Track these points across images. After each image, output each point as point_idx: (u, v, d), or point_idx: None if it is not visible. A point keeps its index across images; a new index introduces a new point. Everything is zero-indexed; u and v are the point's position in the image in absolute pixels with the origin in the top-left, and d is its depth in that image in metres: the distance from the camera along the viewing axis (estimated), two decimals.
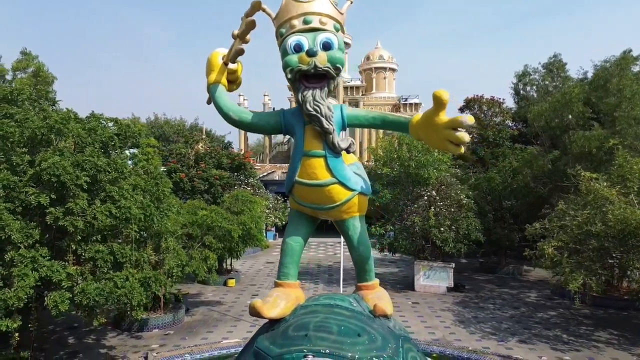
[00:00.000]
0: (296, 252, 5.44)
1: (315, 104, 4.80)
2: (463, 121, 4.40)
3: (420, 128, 4.78)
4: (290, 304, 5.22)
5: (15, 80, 14.15)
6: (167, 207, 11.74)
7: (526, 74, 23.21)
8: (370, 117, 5.30)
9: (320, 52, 4.76)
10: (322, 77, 4.85)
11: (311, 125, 4.94)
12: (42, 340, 13.80)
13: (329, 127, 4.84)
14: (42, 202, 8.49)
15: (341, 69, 4.89)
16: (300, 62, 4.74)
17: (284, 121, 5.17)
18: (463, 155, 31.62)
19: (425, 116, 4.65)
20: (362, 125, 5.47)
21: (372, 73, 46.12)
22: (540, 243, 13.83)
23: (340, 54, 4.88)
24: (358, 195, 5.25)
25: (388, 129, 5.47)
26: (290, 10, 4.93)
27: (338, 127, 5.10)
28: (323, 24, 4.88)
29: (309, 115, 4.83)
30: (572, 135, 16.88)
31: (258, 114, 5.25)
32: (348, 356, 4.55)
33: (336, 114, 5.10)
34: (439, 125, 4.51)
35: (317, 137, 4.94)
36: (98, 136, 10.58)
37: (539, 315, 16.54)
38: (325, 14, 4.92)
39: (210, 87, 5.16)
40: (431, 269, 20.23)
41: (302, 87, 4.85)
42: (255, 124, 5.22)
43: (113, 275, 9.28)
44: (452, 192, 19.66)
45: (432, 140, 4.72)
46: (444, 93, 4.42)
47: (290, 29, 4.89)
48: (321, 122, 4.81)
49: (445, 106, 4.53)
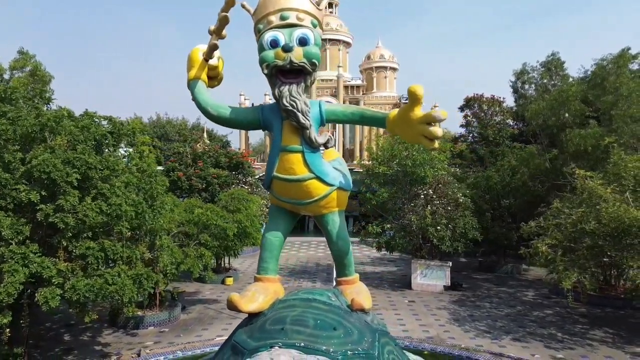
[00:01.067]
0: (275, 247, 5.47)
1: (291, 99, 4.83)
2: (436, 116, 4.42)
3: (396, 123, 4.81)
4: (268, 298, 5.25)
5: (13, 80, 14.27)
6: (160, 205, 11.81)
7: (525, 72, 23.18)
8: (349, 112, 5.33)
9: (296, 47, 4.79)
10: (298, 72, 4.88)
11: (288, 121, 4.97)
12: (38, 337, 13.89)
13: (306, 122, 4.87)
14: (32, 199, 8.57)
15: (317, 64, 4.92)
16: (276, 58, 4.78)
17: (262, 117, 5.20)
18: (462, 154, 31.69)
19: (401, 112, 4.69)
20: (341, 121, 5.49)
21: (372, 72, 46.08)
22: (534, 241, 13.81)
23: (317, 49, 4.91)
24: (337, 191, 5.28)
25: (367, 124, 5.50)
26: (268, 6, 4.96)
27: (316, 123, 5.13)
28: (300, 20, 4.91)
29: (286, 110, 4.86)
30: (569, 134, 16.84)
31: (236, 110, 5.28)
32: (322, 349, 4.58)
33: (314, 109, 5.13)
34: (414, 120, 4.54)
35: (294, 132, 4.97)
36: (91, 134, 10.65)
37: (535, 313, 16.52)
38: (303, 10, 4.95)
39: (190, 83, 5.21)
40: (428, 268, 20.23)
41: (278, 82, 4.89)
42: (233, 120, 5.25)
43: (104, 271, 9.35)
44: (449, 190, 19.65)
45: (408, 135, 4.75)
46: (419, 88, 4.46)
47: (268, 24, 4.92)
48: (297, 117, 4.84)
49: (420, 101, 4.55)
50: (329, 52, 45.84)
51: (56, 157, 8.98)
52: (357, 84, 44.41)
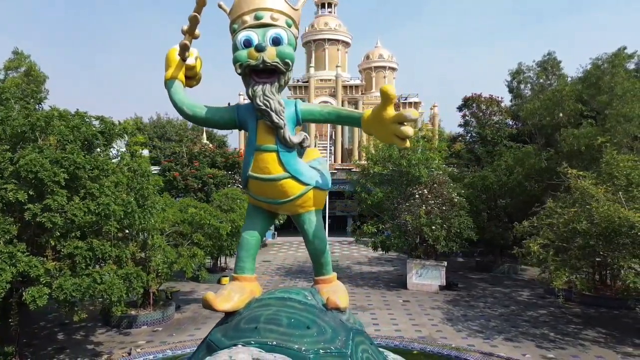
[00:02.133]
0: (252, 246, 5.49)
1: (264, 98, 4.85)
2: (407, 116, 4.45)
3: (370, 123, 4.83)
4: (244, 297, 5.27)
5: (7, 80, 14.38)
6: (151, 205, 11.84)
7: (520, 72, 23.15)
8: (325, 112, 5.34)
9: (269, 47, 4.81)
10: (272, 72, 4.90)
11: (263, 120, 4.99)
12: (31, 336, 13.95)
13: (279, 121, 4.89)
14: (20, 199, 8.60)
15: (290, 64, 4.92)
16: (249, 57, 4.79)
17: (237, 116, 5.22)
18: (459, 153, 31.66)
19: (375, 111, 4.71)
20: (318, 121, 5.51)
21: (371, 72, 46.08)
22: (526, 241, 13.81)
23: (290, 49, 4.92)
24: (313, 190, 5.29)
25: (343, 123, 5.51)
26: (242, 6, 4.99)
27: (292, 123, 5.14)
28: (274, 20, 4.93)
29: (259, 109, 4.88)
30: (563, 133, 16.82)
31: (213, 109, 5.30)
32: (295, 348, 4.60)
33: (290, 109, 5.15)
34: (386, 119, 4.56)
35: (269, 132, 4.99)
36: (81, 134, 10.69)
37: (529, 313, 16.50)
38: (277, 9, 4.97)
39: (167, 83, 5.23)
40: (423, 268, 20.23)
41: (252, 82, 4.91)
42: (209, 119, 5.27)
43: (92, 271, 9.38)
44: (444, 190, 19.64)
45: (381, 134, 4.77)
46: (390, 88, 4.49)
47: (242, 24, 4.94)
48: (271, 116, 4.85)
49: (392, 101, 4.58)
50: (327, 52, 45.87)
51: (44, 156, 9.02)
52: (356, 84, 44.40)
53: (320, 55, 46.14)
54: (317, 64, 45.77)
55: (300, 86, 44.45)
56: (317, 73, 44.64)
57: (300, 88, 44.52)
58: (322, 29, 46.02)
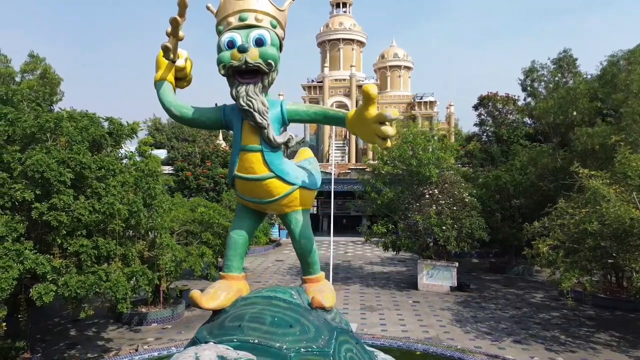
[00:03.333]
0: (239, 245, 5.53)
1: (248, 99, 4.87)
2: (387, 115, 4.42)
3: (353, 123, 4.82)
4: (231, 296, 5.31)
5: (23, 82, 14.80)
6: (158, 204, 12.04)
7: (534, 70, 22.71)
8: (312, 112, 5.34)
9: (252, 48, 4.83)
10: (255, 73, 4.91)
11: (248, 121, 5.02)
12: (44, 332, 14.34)
13: (263, 121, 4.91)
14: (27, 198, 8.85)
15: (273, 65, 4.93)
16: (232, 59, 4.82)
17: (224, 116, 5.26)
18: (472, 153, 31.25)
19: (357, 111, 4.70)
20: (304, 121, 5.51)
21: (386, 71, 45.84)
22: (536, 241, 13.57)
23: (273, 49, 4.93)
24: (299, 190, 5.30)
25: (330, 123, 5.50)
26: (227, 8, 5.02)
27: (278, 122, 5.16)
28: (259, 21, 4.95)
29: (243, 110, 4.91)
30: (577, 132, 16.46)
31: (199, 110, 5.35)
32: (276, 346, 4.62)
33: (275, 109, 5.16)
34: (368, 119, 4.55)
35: (254, 132, 5.01)
36: (89, 134, 10.94)
37: (541, 316, 16.21)
38: (261, 10, 4.98)
39: (156, 84, 5.30)
40: (434, 268, 20.06)
41: (236, 82, 4.93)
42: (196, 119, 5.33)
43: (97, 268, 9.58)
44: (455, 190, 19.43)
45: (364, 134, 4.75)
46: (372, 88, 4.46)
47: (227, 26, 4.98)
48: (254, 117, 4.88)
49: (373, 101, 4.55)
50: (342, 52, 45.82)
51: (51, 157, 9.25)
52: (371, 84, 44.22)
53: (335, 55, 46.11)
54: (332, 64, 45.76)
55: (314, 86, 44.53)
56: (331, 73, 44.64)
57: (315, 88, 44.61)
58: (336, 28, 45.99)
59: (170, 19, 4.63)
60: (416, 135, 19.85)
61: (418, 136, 19.70)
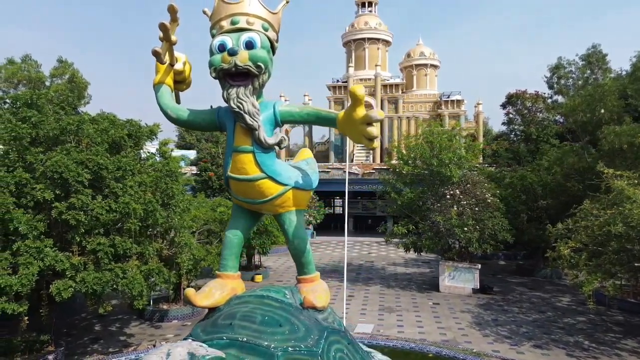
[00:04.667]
0: (234, 244, 5.62)
1: (238, 101, 4.95)
2: (372, 116, 4.41)
3: (343, 124, 4.83)
4: (225, 294, 5.41)
5: (52, 86, 15.45)
6: (175, 204, 12.32)
7: (560, 67, 21.94)
8: (305, 113, 5.37)
9: (242, 51, 4.90)
10: (246, 75, 4.99)
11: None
12: (71, 326, 14.92)
13: (253, 123, 4.98)
14: (47, 198, 9.23)
15: (263, 67, 4.98)
16: (223, 62, 4.91)
17: (218, 118, 5.36)
18: (497, 153, 30.53)
19: (346, 112, 4.72)
20: (297, 122, 5.55)
21: (412, 70, 45.34)
22: (557, 243, 13.16)
23: (263, 52, 4.99)
24: (293, 190, 5.34)
25: (322, 124, 5.52)
26: (220, 12, 5.12)
27: (270, 124, 5.22)
28: (250, 24, 5.02)
29: (233, 112, 5.00)
30: (604, 131, 15.86)
31: (195, 112, 5.48)
32: (264, 345, 4.69)
33: (268, 111, 5.22)
34: (356, 120, 4.56)
35: (246, 133, 5.09)
36: (109, 136, 11.31)
37: (565, 320, 15.72)
38: (253, 14, 5.06)
39: (155, 88, 5.45)
40: (456, 270, 19.73)
41: (227, 85, 5.02)
42: (191, 121, 5.46)
43: (114, 266, 9.90)
44: (478, 190, 19.05)
45: (353, 135, 4.76)
46: (359, 89, 4.46)
47: (220, 29, 5.08)
48: (244, 118, 4.95)
49: (361, 102, 4.55)
50: (367, 51, 45.62)
51: (70, 158, 9.61)
52: (396, 83, 43.83)
53: (360, 55, 45.95)
54: (357, 63, 45.63)
55: (339, 86, 44.50)
56: (356, 73, 44.51)
57: (340, 88, 44.57)
58: (362, 28, 45.83)
59: (159, 25, 4.76)
60: (437, 134, 19.57)
61: (439, 135, 19.42)
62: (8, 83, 18.27)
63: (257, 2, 5.15)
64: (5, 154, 10.12)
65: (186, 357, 3.47)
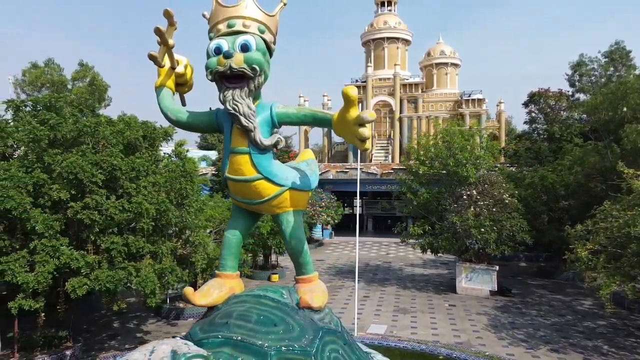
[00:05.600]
0: (233, 244, 5.69)
1: (234, 103, 5.01)
2: (363, 117, 4.41)
3: (337, 124, 4.85)
4: (223, 294, 5.48)
5: (73, 89, 15.93)
6: (189, 204, 12.54)
7: (582, 64, 21.32)
8: (302, 114, 5.40)
9: (237, 53, 4.96)
10: (241, 77, 5.04)
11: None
12: (90, 323, 15.32)
13: (248, 124, 5.03)
14: (62, 198, 9.52)
15: (258, 69, 5.03)
16: (218, 64, 4.98)
17: (216, 120, 5.44)
18: (517, 153, 29.93)
19: (340, 113, 4.73)
20: (294, 123, 5.58)
21: (432, 69, 44.90)
22: (575, 245, 12.85)
23: (258, 54, 5.04)
24: (290, 191, 5.38)
25: (319, 125, 5.55)
26: (218, 15, 5.20)
27: (267, 125, 5.27)
28: (246, 27, 5.08)
29: (229, 113, 5.07)
30: (626, 130, 15.39)
31: (194, 114, 5.57)
32: (258, 344, 4.74)
33: (265, 112, 5.28)
34: (349, 121, 4.57)
35: (242, 134, 5.15)
36: (125, 138, 11.58)
37: (585, 324, 15.33)
38: (249, 17, 5.12)
39: (156, 90, 5.58)
40: (473, 271, 19.47)
41: (223, 87, 5.09)
42: (190, 123, 5.55)
43: (127, 264, 10.14)
44: (495, 191, 18.74)
45: (346, 136, 4.78)
46: (351, 90, 4.47)
47: (217, 32, 5.16)
48: (240, 120, 5.01)
49: (353, 103, 4.56)
50: (387, 51, 45.37)
51: (85, 159, 9.89)
52: (416, 82, 43.45)
53: (380, 55, 45.73)
54: (376, 63, 45.40)
55: (358, 86, 44.36)
56: (375, 72, 44.30)
57: (359, 88, 44.41)
58: (381, 27, 45.60)
59: (154, 30, 4.87)
60: (454, 134, 19.34)
61: (456, 135, 19.18)
62: (32, 86, 18.99)
63: (253, 5, 5.21)
64: (25, 156, 10.47)
65: (169, 355, 3.55)
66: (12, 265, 8.99)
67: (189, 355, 3.62)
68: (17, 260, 9.10)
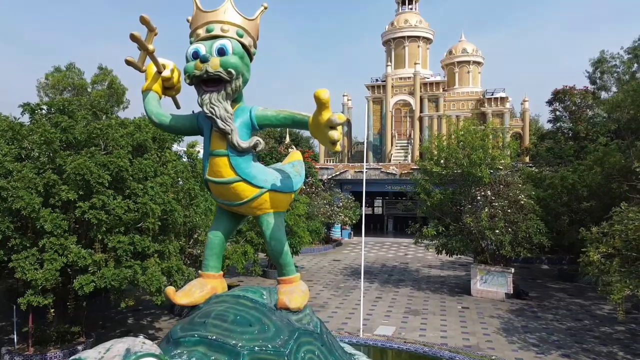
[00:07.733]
0: (215, 245, 5.77)
1: (211, 106, 5.10)
2: (332, 120, 4.42)
3: (311, 127, 4.88)
4: (204, 293, 5.58)
5: (92, 92, 16.48)
6: (196, 204, 12.78)
7: (603, 61, 20.61)
8: (281, 117, 5.44)
9: (213, 57, 5.05)
10: (219, 81, 5.13)
11: None
12: (105, 319, 15.78)
13: (225, 127, 5.11)
14: (70, 198, 9.85)
15: (234, 73, 5.09)
16: (195, 69, 5.07)
17: (197, 123, 5.55)
18: (538, 152, 29.12)
19: (313, 116, 4.76)
20: (274, 125, 5.62)
21: (454, 67, 44.21)
22: (587, 248, 12.48)
23: (235, 58, 5.10)
24: (270, 193, 5.43)
25: (297, 128, 5.57)
26: (197, 20, 5.30)
27: (247, 128, 5.34)
28: (224, 31, 5.16)
29: (206, 117, 5.16)
30: None
31: (176, 117, 5.69)
32: (231, 343, 4.81)
33: (244, 115, 5.35)
34: (321, 124, 4.59)
35: (220, 137, 5.24)
36: (134, 140, 11.89)
37: (602, 329, 14.86)
38: (227, 21, 5.20)
39: (142, 94, 5.74)
40: (488, 274, 19.11)
41: (201, 91, 5.19)
42: (173, 126, 5.67)
43: (133, 263, 10.41)
44: (511, 192, 18.36)
45: (320, 138, 4.80)
46: (323, 92, 4.48)
47: (196, 37, 5.27)
48: (217, 122, 5.10)
49: (326, 105, 4.56)
50: (407, 50, 44.95)
51: (93, 161, 10.21)
52: (437, 81, 42.89)
53: (400, 53, 45.34)
54: (397, 62, 45.03)
55: (378, 85, 44.14)
56: (395, 72, 43.93)
57: (379, 87, 44.20)
58: (402, 26, 45.20)
59: (130, 36, 5.00)
60: (468, 133, 19.03)
61: (470, 134, 18.87)
62: (54, 90, 19.76)
63: (232, 10, 5.29)
64: (37, 157, 10.89)
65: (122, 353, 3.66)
66: (22, 263, 9.36)
67: (140, 354, 3.71)
68: (27, 258, 9.48)
